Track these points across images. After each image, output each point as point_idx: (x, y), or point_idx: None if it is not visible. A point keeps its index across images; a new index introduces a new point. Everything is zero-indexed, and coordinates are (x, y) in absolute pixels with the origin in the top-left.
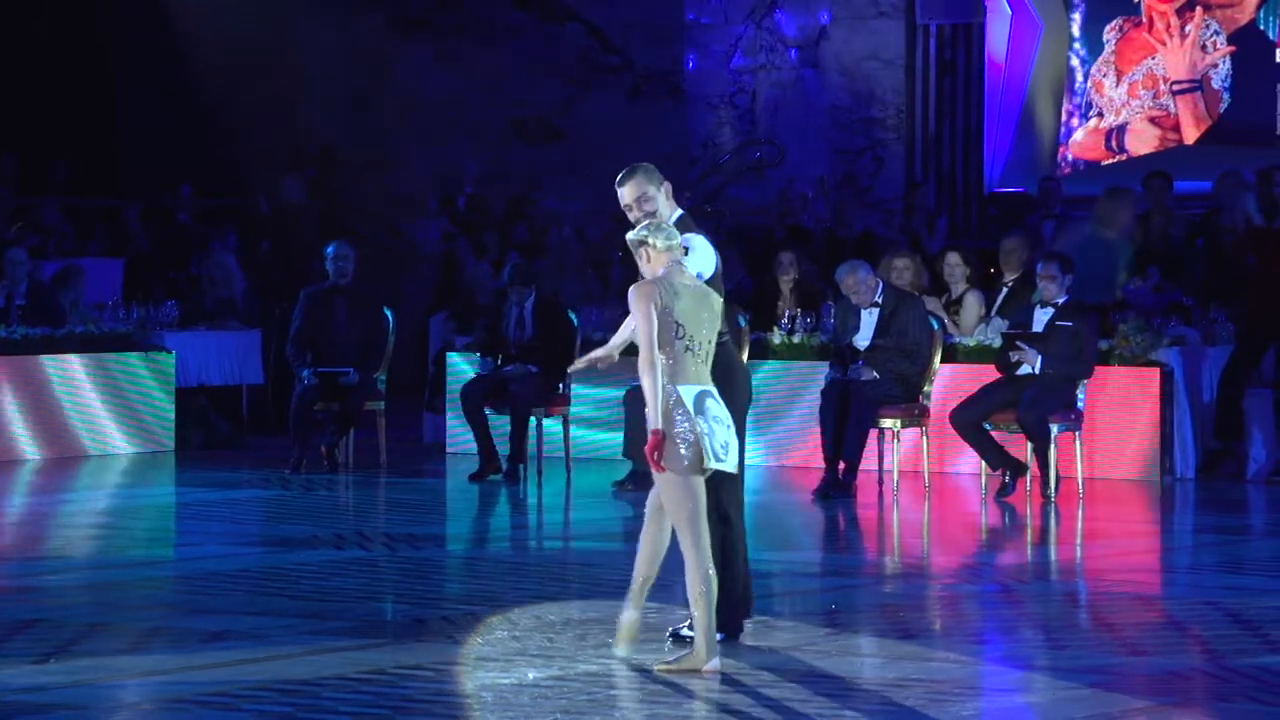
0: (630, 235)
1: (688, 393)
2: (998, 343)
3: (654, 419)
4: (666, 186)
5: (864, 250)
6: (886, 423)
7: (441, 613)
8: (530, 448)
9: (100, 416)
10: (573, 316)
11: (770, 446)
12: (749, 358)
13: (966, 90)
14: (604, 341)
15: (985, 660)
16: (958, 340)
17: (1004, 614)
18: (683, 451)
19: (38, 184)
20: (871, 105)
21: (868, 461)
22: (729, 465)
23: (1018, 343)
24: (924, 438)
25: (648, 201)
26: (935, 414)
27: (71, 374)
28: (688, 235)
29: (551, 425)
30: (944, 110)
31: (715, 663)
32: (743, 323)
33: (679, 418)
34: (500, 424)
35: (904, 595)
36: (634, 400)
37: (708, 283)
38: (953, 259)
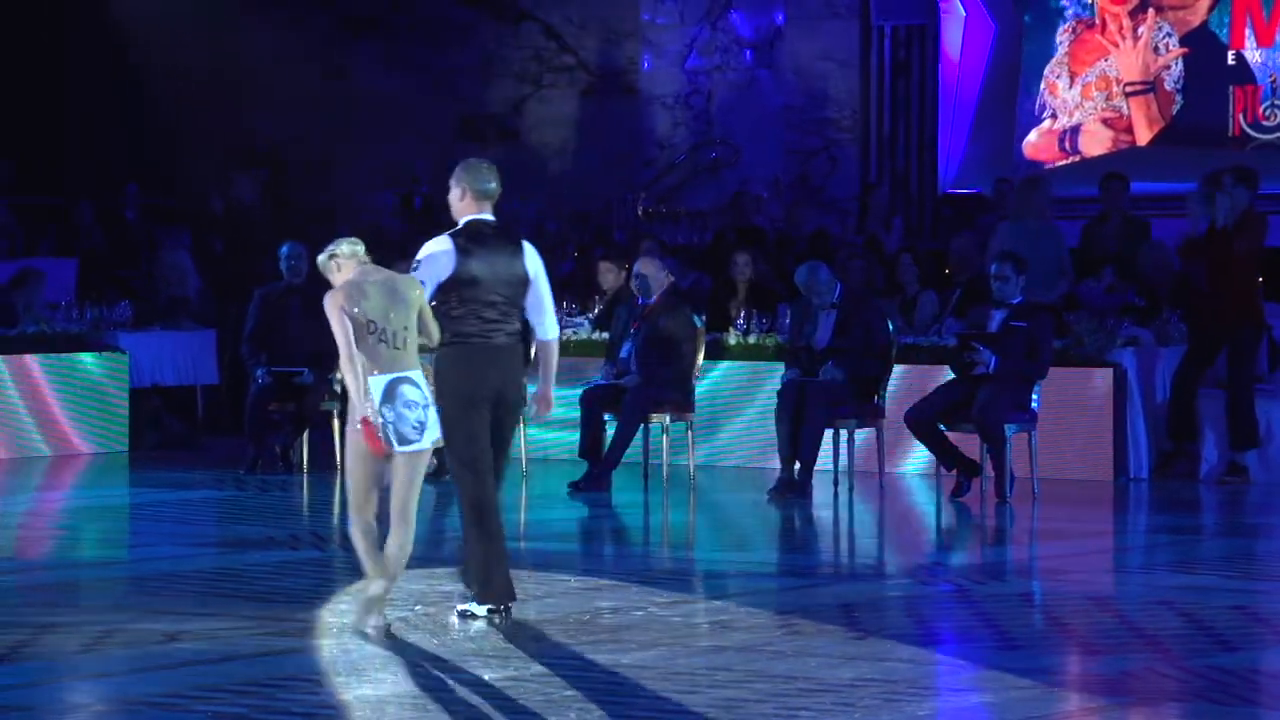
0: (319, 259)
1: (376, 382)
2: (952, 343)
3: (360, 408)
4: (465, 190)
5: (817, 251)
6: (842, 423)
7: (397, 614)
8: None
9: (53, 417)
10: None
11: (725, 446)
12: (705, 357)
13: (921, 91)
14: (562, 343)
15: (940, 660)
16: (912, 341)
17: (958, 614)
18: (363, 439)
19: None
20: (826, 106)
21: (823, 462)
22: (424, 444)
23: (972, 343)
24: (879, 438)
25: (450, 193)
26: (890, 414)
27: (25, 374)
28: (429, 248)
29: None
30: (898, 111)
31: (379, 584)
32: (699, 323)
33: (363, 407)
34: None
35: (859, 595)
36: (590, 400)
37: (447, 285)
38: (906, 260)
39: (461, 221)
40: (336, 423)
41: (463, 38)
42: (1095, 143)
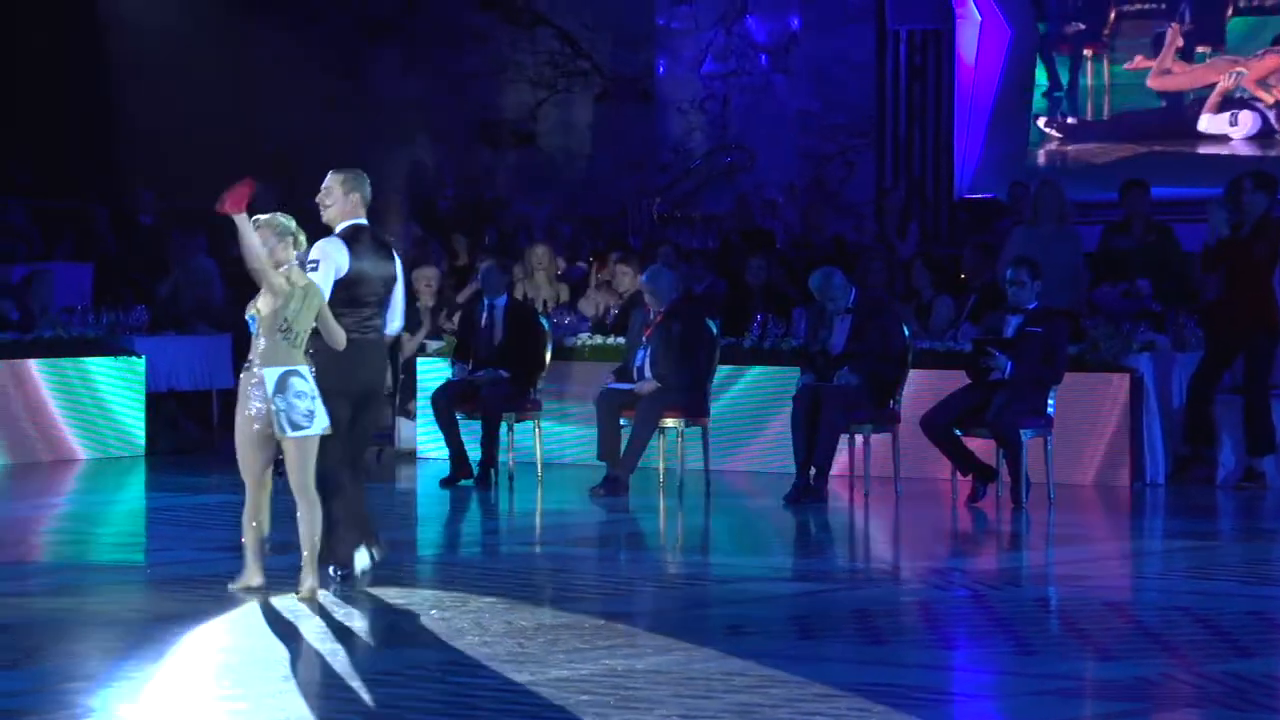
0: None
1: (270, 374)
2: (968, 349)
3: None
4: (356, 196)
5: (836, 255)
6: (857, 428)
7: (411, 620)
8: (502, 452)
9: (70, 421)
10: (544, 321)
11: (741, 452)
12: (720, 362)
13: (936, 95)
14: (577, 347)
15: (955, 666)
16: (927, 346)
17: (974, 619)
18: (253, 424)
19: (2, 186)
20: (841, 110)
21: (838, 467)
22: (314, 430)
23: (988, 349)
24: (894, 443)
25: (328, 196)
26: (906, 419)
27: (41, 379)
28: (320, 244)
29: (523, 430)
30: (914, 115)
31: (256, 580)
32: (713, 328)
33: (254, 395)
34: (471, 429)
35: (875, 601)
36: (606, 403)
37: (342, 283)
38: (921, 265)
39: (346, 224)
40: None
41: (478, 42)
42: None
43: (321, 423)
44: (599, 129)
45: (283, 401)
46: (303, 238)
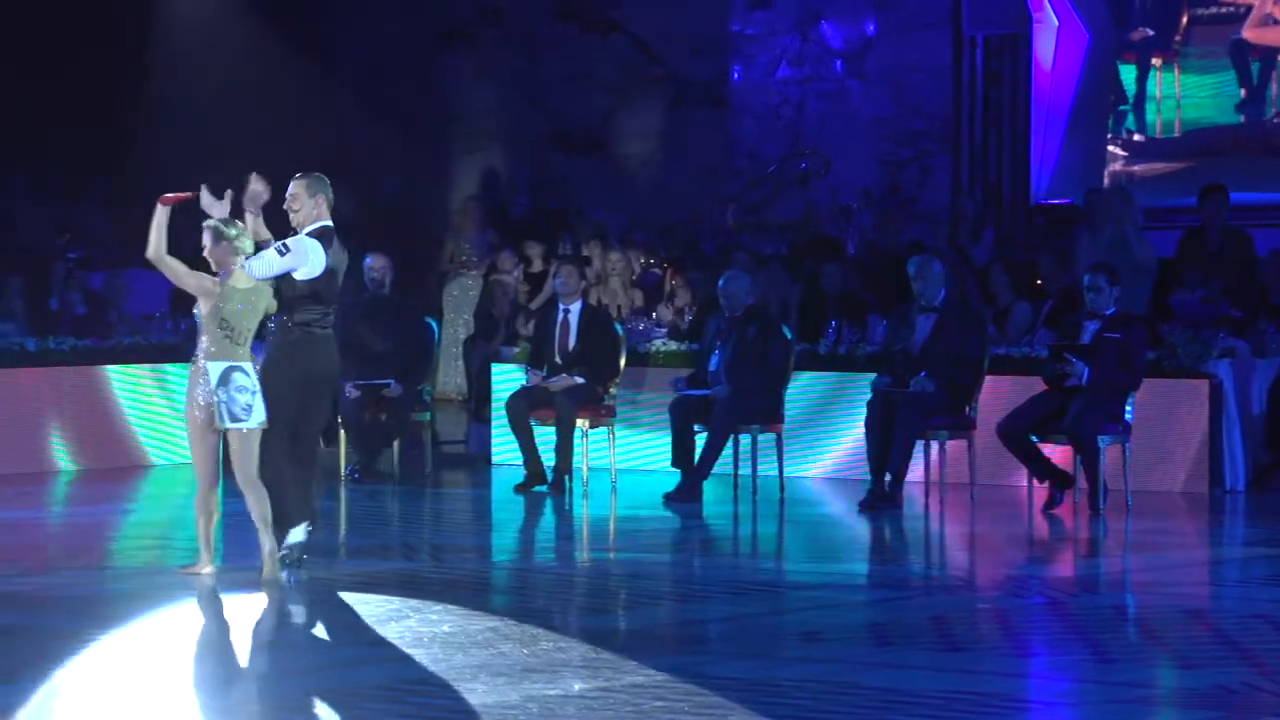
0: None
1: (214, 368)
2: (1044, 354)
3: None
4: (321, 199)
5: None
6: (933, 434)
7: (487, 624)
8: (576, 458)
9: (148, 428)
10: (618, 327)
11: (815, 458)
12: (794, 368)
13: (1013, 100)
14: (651, 353)
15: (1032, 674)
16: (1004, 352)
17: (1051, 627)
18: (198, 414)
19: (79, 193)
20: (917, 116)
21: (913, 473)
22: (251, 424)
23: (1065, 354)
24: (970, 449)
25: (295, 200)
26: (981, 425)
27: (119, 385)
28: (299, 239)
29: (597, 436)
30: (990, 121)
31: (207, 569)
32: (788, 334)
33: (199, 389)
34: (546, 435)
35: (950, 608)
36: (680, 409)
37: (314, 280)
38: (998, 270)
39: (314, 226)
40: (427, 431)
41: (552, 50)
42: None
43: (259, 417)
44: (673, 135)
45: (224, 394)
46: (245, 243)
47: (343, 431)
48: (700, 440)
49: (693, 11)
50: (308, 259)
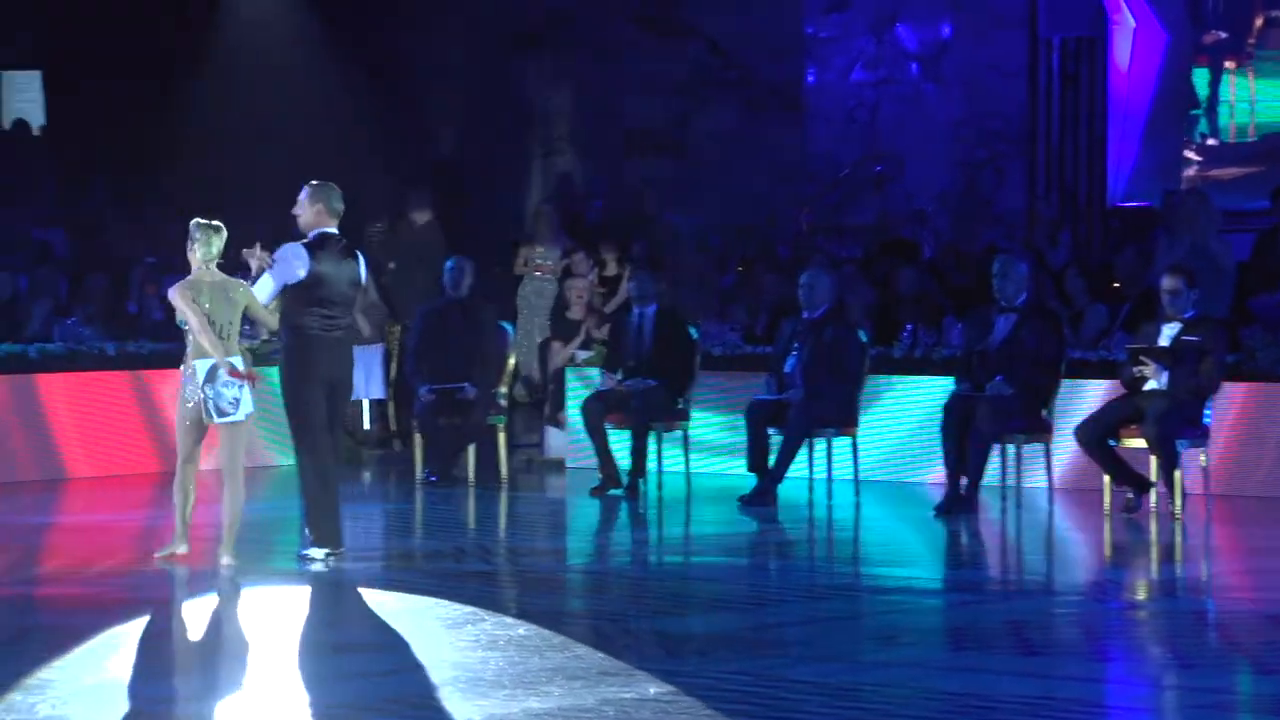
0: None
1: (201, 365)
2: (1122, 358)
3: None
4: (321, 207)
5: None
6: (1009, 438)
7: (562, 626)
8: (651, 462)
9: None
10: (692, 330)
11: (890, 461)
12: (869, 372)
13: (1090, 102)
14: (723, 356)
15: (1111, 679)
16: (1080, 355)
17: (1129, 632)
18: (189, 408)
19: (166, 198)
20: (993, 118)
21: (990, 477)
22: (239, 415)
23: (1143, 358)
24: (1047, 453)
25: (298, 207)
26: (1059, 429)
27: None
28: (287, 246)
29: (671, 439)
30: (1067, 123)
31: (181, 549)
32: (863, 337)
33: (188, 386)
34: (621, 438)
35: (1028, 613)
36: (755, 414)
37: (300, 285)
38: (1074, 273)
39: (314, 233)
40: (502, 435)
41: (627, 53)
42: None
43: (246, 409)
44: (747, 139)
45: (211, 390)
46: (213, 241)
47: (418, 435)
48: (775, 444)
49: (768, 14)
50: (289, 265)
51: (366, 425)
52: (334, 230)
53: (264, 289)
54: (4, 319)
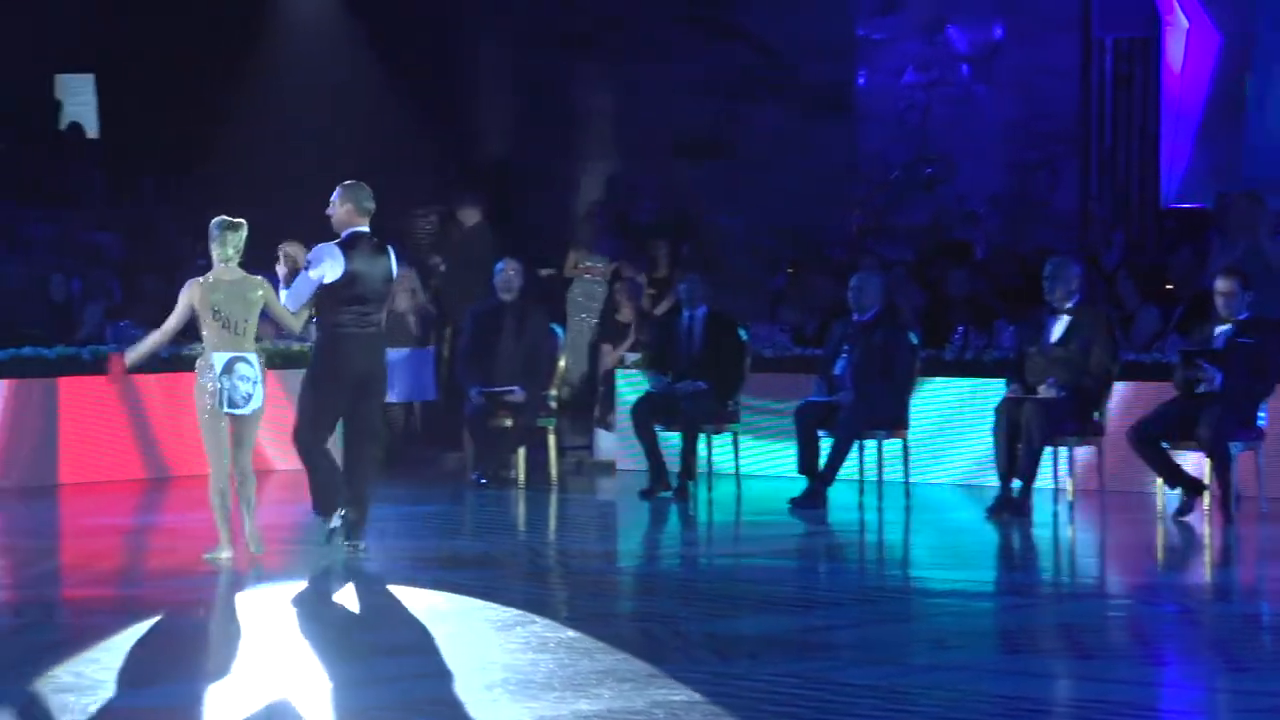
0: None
1: (219, 358)
2: (1175, 360)
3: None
4: (351, 206)
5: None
6: (1061, 440)
7: (612, 629)
8: (700, 464)
9: (273, 433)
10: (742, 332)
11: (941, 464)
12: (920, 374)
13: (1143, 103)
14: (773, 359)
15: (1164, 682)
16: (1133, 358)
17: (1183, 635)
18: (207, 400)
19: (215, 199)
20: (1045, 120)
21: (1042, 479)
22: (249, 409)
23: (1196, 360)
24: (1099, 455)
25: (330, 208)
26: (1111, 432)
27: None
28: (321, 246)
29: (721, 441)
30: (1120, 124)
31: (226, 553)
32: (914, 339)
33: (205, 374)
34: (670, 440)
35: (1081, 616)
36: (805, 416)
37: (335, 283)
38: (1124, 275)
39: (347, 232)
40: (552, 437)
41: (676, 54)
42: None
43: (256, 404)
44: (797, 140)
45: (227, 382)
46: (229, 238)
47: (468, 437)
48: (826, 446)
49: (817, 16)
50: (321, 263)
51: (417, 427)
52: (365, 228)
53: (299, 291)
54: (58, 321)
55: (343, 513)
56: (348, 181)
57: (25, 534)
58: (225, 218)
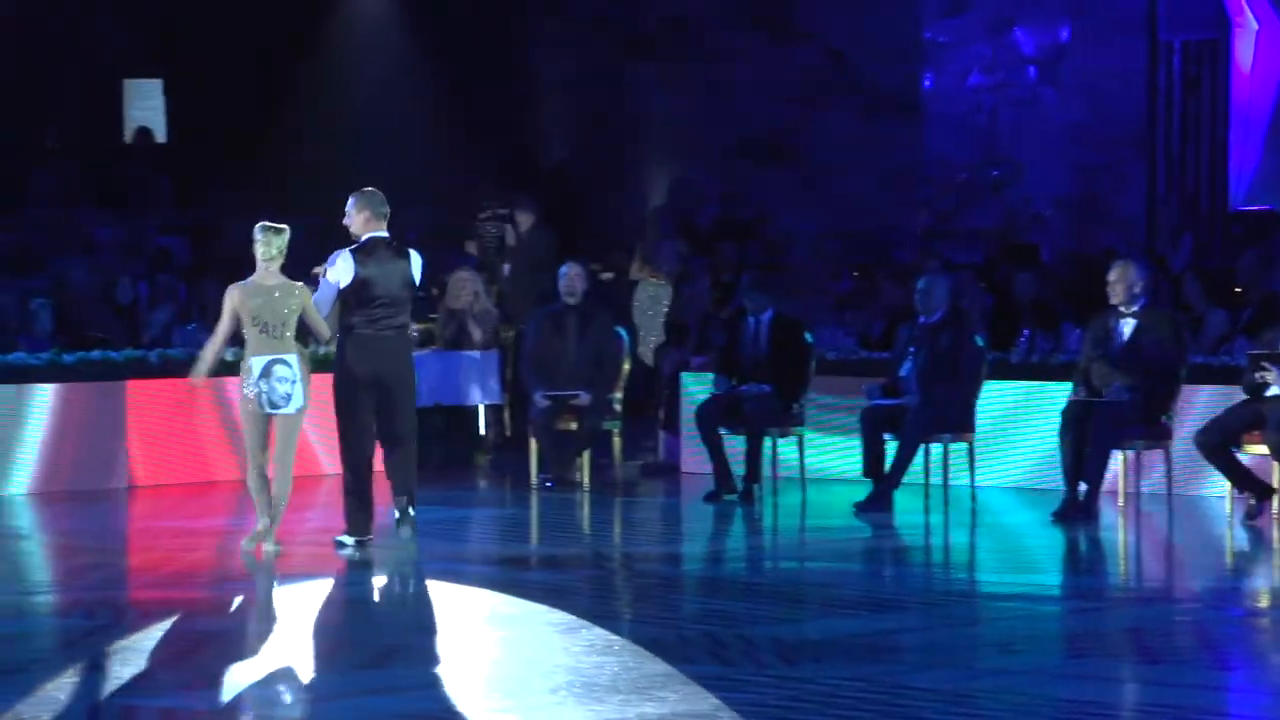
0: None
1: (257, 362)
2: (1243, 363)
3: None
4: (367, 213)
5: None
6: (1129, 444)
7: (677, 632)
8: (765, 467)
9: (321, 436)
10: (808, 335)
11: (1007, 467)
12: (986, 377)
13: (1211, 106)
14: (838, 362)
15: (1232, 687)
16: (1201, 361)
17: (1251, 640)
18: (250, 405)
19: (280, 204)
20: (1112, 123)
21: (1108, 483)
22: (290, 409)
23: (1264, 363)
24: (1167, 459)
25: (347, 217)
26: (1178, 435)
27: (312, 394)
28: (336, 252)
29: (786, 444)
30: (1188, 127)
31: (269, 547)
32: (980, 342)
33: (246, 379)
34: (735, 443)
35: (1148, 620)
36: (870, 418)
37: (349, 286)
38: (1191, 278)
39: (365, 237)
40: (617, 440)
41: (741, 57)
42: None
43: (297, 404)
44: (863, 143)
45: (266, 384)
46: (273, 242)
47: (533, 440)
48: (891, 449)
49: (884, 19)
50: (334, 268)
51: (482, 430)
52: (383, 233)
53: (320, 296)
54: (125, 325)
55: (361, 541)
56: (361, 190)
57: (94, 536)
58: (267, 222)
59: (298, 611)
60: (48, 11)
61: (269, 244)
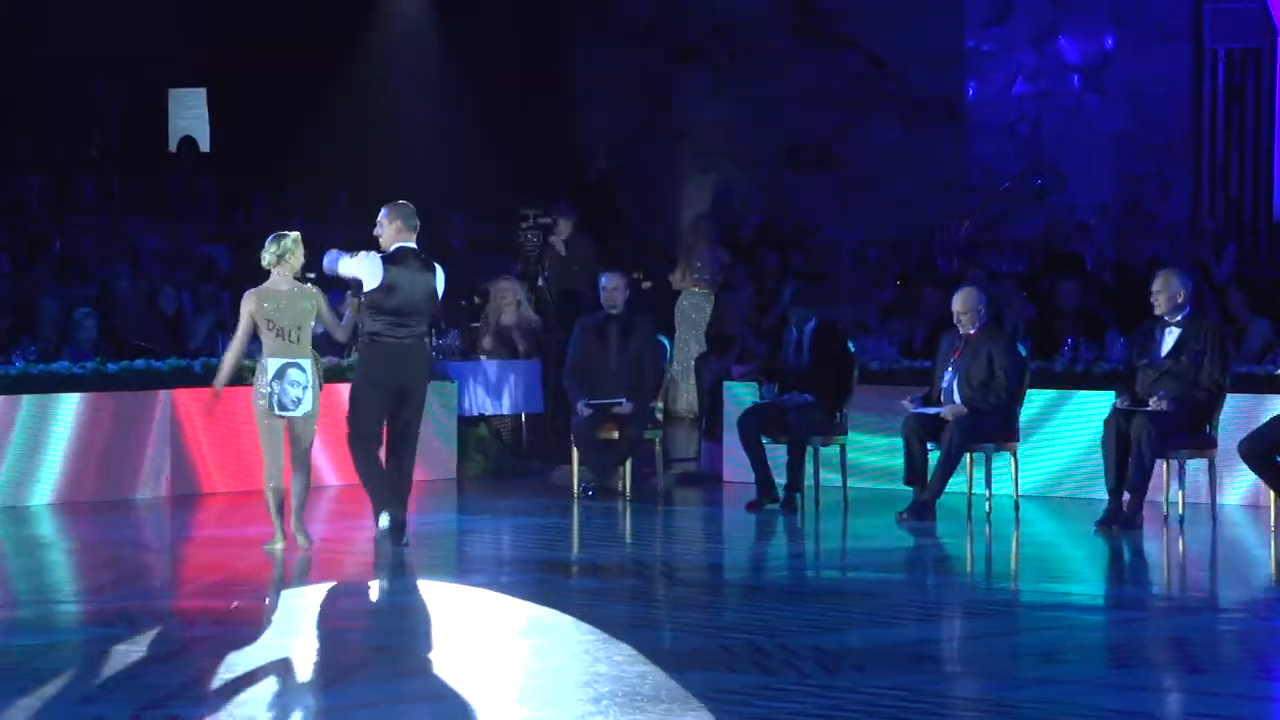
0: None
1: (272, 364)
2: None
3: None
4: (399, 224)
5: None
6: (1172, 453)
7: (719, 641)
8: (807, 476)
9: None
10: (850, 344)
11: (1050, 477)
12: (1030, 386)
13: (1256, 114)
14: (882, 371)
15: (1277, 697)
16: (1245, 370)
17: None
18: (261, 403)
19: (320, 212)
20: (1156, 131)
21: (1152, 492)
22: (299, 413)
23: None
24: (1211, 468)
25: (378, 227)
26: (1222, 445)
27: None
28: (365, 253)
29: (829, 453)
30: (1232, 135)
31: (279, 544)
32: (1023, 351)
33: (260, 381)
34: (778, 452)
35: (1192, 629)
36: (912, 427)
37: (373, 292)
38: (1234, 287)
39: (394, 247)
40: (659, 449)
41: (786, 65)
42: None
43: (306, 408)
44: (906, 151)
45: (278, 386)
46: (271, 247)
47: (575, 449)
48: (933, 458)
49: (927, 27)
50: (363, 269)
51: (525, 439)
52: (412, 244)
53: (347, 263)
54: (169, 333)
55: (389, 515)
56: (392, 203)
57: (138, 545)
58: (281, 231)
59: (332, 620)
60: (93, 22)
61: (283, 250)
